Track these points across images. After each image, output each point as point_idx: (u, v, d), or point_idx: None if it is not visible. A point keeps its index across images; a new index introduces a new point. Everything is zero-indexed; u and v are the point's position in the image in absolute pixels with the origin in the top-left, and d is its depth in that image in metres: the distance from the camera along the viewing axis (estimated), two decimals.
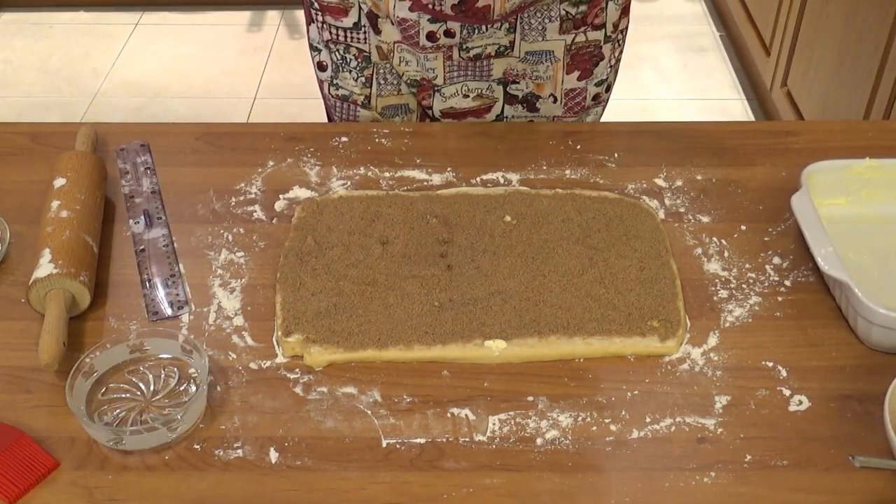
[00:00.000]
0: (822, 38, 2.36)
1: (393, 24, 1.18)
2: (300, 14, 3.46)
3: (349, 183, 1.14)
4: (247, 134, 1.24)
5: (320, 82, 1.32)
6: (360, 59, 1.25)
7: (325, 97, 1.34)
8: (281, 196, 1.12)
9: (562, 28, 1.21)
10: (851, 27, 2.19)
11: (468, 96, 1.26)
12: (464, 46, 1.20)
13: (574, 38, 1.22)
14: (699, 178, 1.15)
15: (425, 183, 1.14)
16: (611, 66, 1.28)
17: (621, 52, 1.29)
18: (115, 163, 1.17)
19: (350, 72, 1.27)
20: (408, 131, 1.22)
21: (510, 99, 1.27)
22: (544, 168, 1.16)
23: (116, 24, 3.43)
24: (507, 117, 1.28)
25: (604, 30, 1.23)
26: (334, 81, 1.29)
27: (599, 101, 1.32)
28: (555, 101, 1.27)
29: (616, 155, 1.18)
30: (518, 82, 1.25)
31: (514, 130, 1.24)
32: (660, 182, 1.14)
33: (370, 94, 1.28)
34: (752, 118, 2.92)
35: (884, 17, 2.02)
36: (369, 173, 1.15)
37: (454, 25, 1.17)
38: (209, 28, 3.42)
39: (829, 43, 2.32)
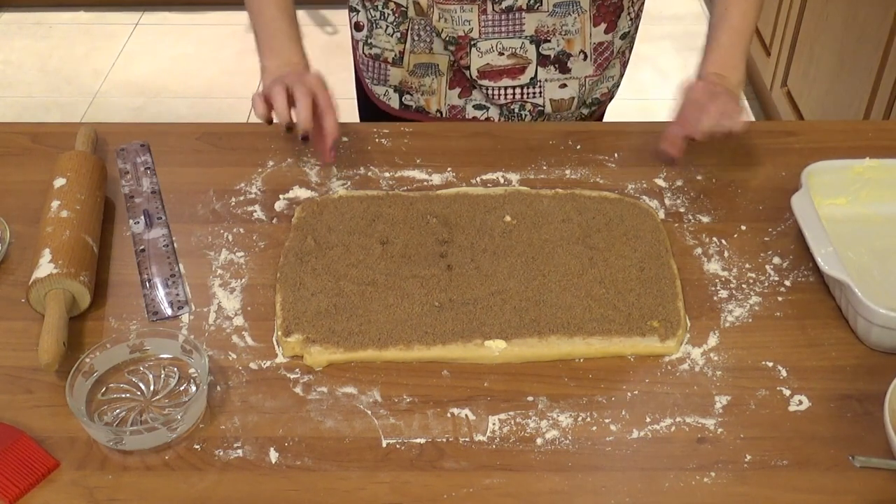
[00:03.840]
0: (822, 38, 2.36)
1: None
2: (300, 14, 3.46)
3: (349, 183, 1.14)
4: (247, 134, 1.24)
5: (355, 43, 1.35)
6: (397, 14, 1.27)
7: (357, 61, 1.37)
8: (281, 196, 1.12)
9: None
10: (851, 27, 2.19)
11: (503, 54, 1.26)
12: None
13: None
14: (699, 178, 1.15)
15: (425, 183, 1.14)
16: (630, 19, 1.29)
17: (641, 4, 1.30)
18: (115, 163, 1.17)
19: (386, 28, 1.29)
20: (408, 131, 1.22)
21: (543, 60, 1.28)
22: (544, 168, 1.16)
23: (116, 24, 3.43)
24: (540, 80, 1.29)
25: None
26: (368, 41, 1.32)
27: (624, 54, 1.34)
28: (585, 57, 1.28)
29: (616, 155, 1.18)
30: (549, 40, 1.26)
31: (514, 130, 1.24)
32: (660, 182, 1.14)
33: (403, 49, 1.29)
34: (752, 118, 2.92)
35: (884, 18, 2.02)
36: (369, 173, 1.16)
37: None
38: (209, 28, 3.43)
39: (829, 43, 2.32)
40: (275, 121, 1.10)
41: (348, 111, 1.45)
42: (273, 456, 0.84)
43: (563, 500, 0.80)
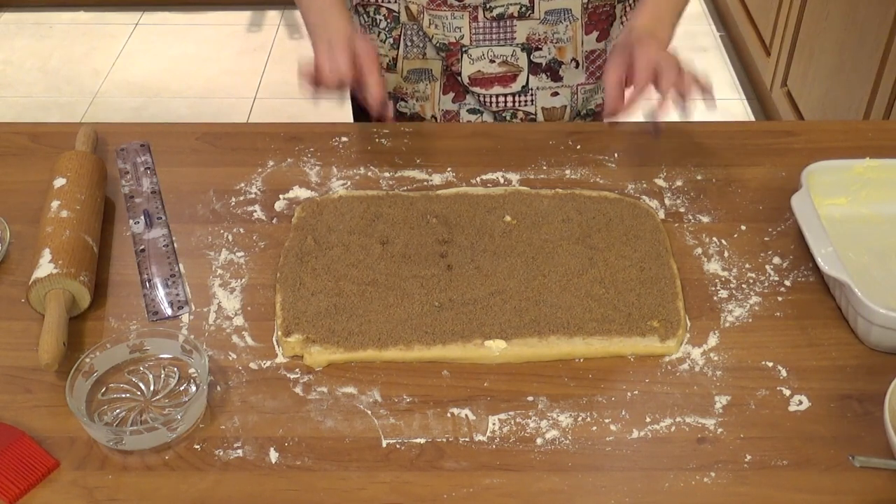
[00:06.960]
0: (822, 38, 2.36)
1: None
2: (300, 14, 3.46)
3: (349, 183, 1.14)
4: (247, 134, 1.24)
5: None
6: (389, 20, 1.27)
7: None
8: (281, 196, 1.12)
9: None
10: (851, 27, 2.19)
11: (494, 61, 1.26)
12: (487, 6, 1.22)
13: None
14: (699, 178, 1.15)
15: (425, 183, 1.14)
16: (622, 27, 1.29)
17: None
18: (115, 163, 1.17)
19: (379, 33, 1.29)
20: (408, 131, 1.22)
21: (534, 69, 1.28)
22: (544, 168, 1.16)
23: (116, 24, 3.43)
24: (531, 88, 1.29)
25: None
26: None
27: None
28: (577, 66, 1.28)
29: (616, 155, 1.18)
30: (541, 48, 1.26)
31: (514, 130, 1.24)
32: (660, 182, 1.14)
33: (397, 55, 1.29)
34: (752, 118, 2.92)
35: (884, 17, 2.02)
36: (369, 173, 1.16)
37: None
38: (209, 28, 3.43)
39: (829, 43, 2.32)
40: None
41: (343, 112, 1.45)
42: (273, 456, 0.84)
43: (563, 500, 0.80)
